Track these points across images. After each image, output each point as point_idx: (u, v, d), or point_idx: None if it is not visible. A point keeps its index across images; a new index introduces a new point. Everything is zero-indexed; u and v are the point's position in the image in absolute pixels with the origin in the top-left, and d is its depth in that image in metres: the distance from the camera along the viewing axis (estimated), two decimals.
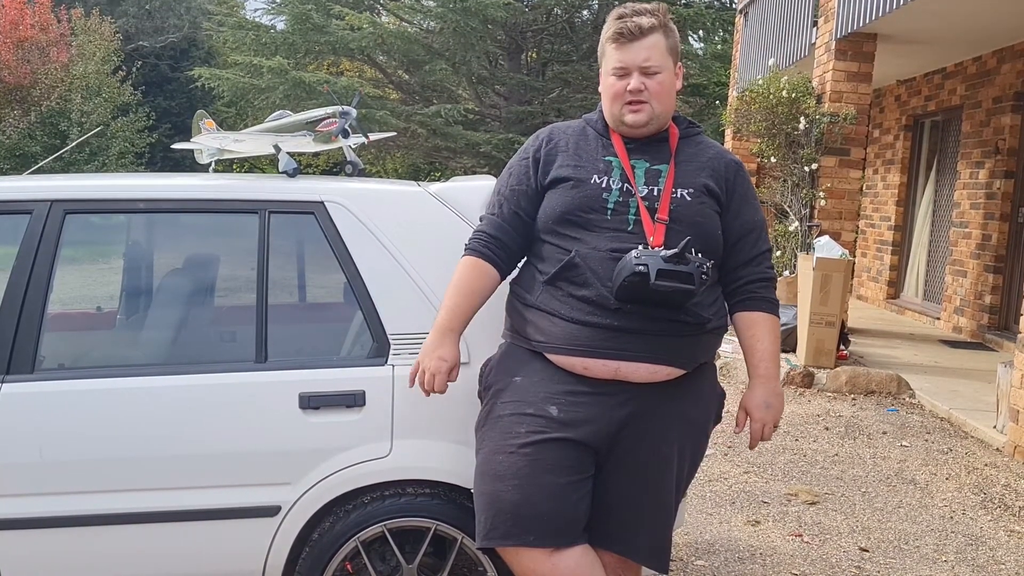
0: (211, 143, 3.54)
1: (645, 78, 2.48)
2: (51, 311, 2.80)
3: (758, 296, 2.58)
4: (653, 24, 2.49)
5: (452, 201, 2.90)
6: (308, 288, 3.32)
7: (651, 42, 2.48)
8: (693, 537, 4.24)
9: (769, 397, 2.58)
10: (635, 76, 2.48)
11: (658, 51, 2.49)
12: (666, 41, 2.51)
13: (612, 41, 2.51)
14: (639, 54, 2.48)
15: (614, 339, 2.39)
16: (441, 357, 2.51)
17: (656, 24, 2.49)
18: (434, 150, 18.99)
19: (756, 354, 2.59)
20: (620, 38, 2.49)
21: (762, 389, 2.59)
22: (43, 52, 19.20)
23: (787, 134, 8.70)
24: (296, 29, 17.98)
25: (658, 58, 2.49)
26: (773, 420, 2.60)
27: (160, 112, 26.25)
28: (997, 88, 9.14)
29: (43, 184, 2.87)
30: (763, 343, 2.58)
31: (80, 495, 2.65)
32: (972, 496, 4.99)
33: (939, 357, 8.38)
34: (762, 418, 2.59)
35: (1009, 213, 9.03)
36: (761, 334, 2.58)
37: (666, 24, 2.52)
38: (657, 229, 2.42)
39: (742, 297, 2.59)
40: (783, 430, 6.11)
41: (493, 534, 2.44)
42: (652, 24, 2.48)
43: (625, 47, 2.49)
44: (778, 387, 2.61)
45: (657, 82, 2.49)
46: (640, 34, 2.47)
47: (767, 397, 2.58)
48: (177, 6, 30.59)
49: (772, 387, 2.59)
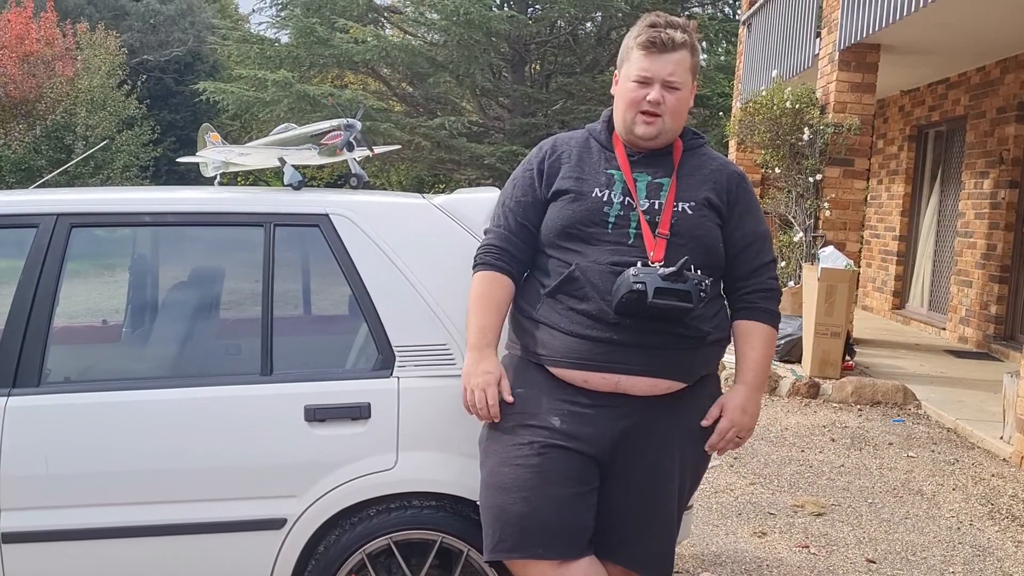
0: (216, 156, 3.54)
1: (666, 92, 2.47)
2: (57, 324, 2.80)
3: (757, 306, 2.57)
4: (684, 40, 2.48)
5: (457, 213, 2.90)
6: (313, 301, 3.33)
7: (679, 57, 2.47)
8: (699, 549, 4.23)
9: (747, 403, 2.56)
10: (657, 88, 2.47)
11: (683, 68, 2.48)
12: (691, 59, 2.51)
13: (642, 48, 2.48)
14: (666, 67, 2.46)
15: (614, 352, 2.39)
16: (486, 371, 2.49)
17: (687, 40, 2.49)
18: (438, 162, 19.02)
19: (746, 361, 2.58)
20: (651, 47, 2.46)
21: (743, 394, 2.57)
22: (48, 66, 19.30)
23: (791, 145, 8.70)
24: (300, 42, 18.05)
25: (682, 75, 2.48)
26: (743, 426, 2.56)
27: (165, 125, 26.34)
28: (1001, 98, 9.14)
29: (49, 198, 2.88)
30: (755, 352, 2.57)
31: (86, 508, 2.65)
32: (979, 507, 4.97)
33: (945, 367, 8.36)
34: (732, 419, 2.55)
35: (1014, 223, 9.03)
36: (755, 343, 2.57)
37: (694, 43, 2.52)
38: (658, 244, 2.42)
39: (741, 306, 2.58)
40: (789, 441, 6.09)
41: (501, 547, 2.43)
42: (684, 40, 2.48)
43: (654, 57, 2.47)
44: (758, 398, 2.59)
45: (676, 98, 2.48)
46: (672, 47, 2.46)
47: (745, 403, 2.56)
48: (182, 20, 30.74)
49: (753, 396, 2.57)
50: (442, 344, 2.78)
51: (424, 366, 2.78)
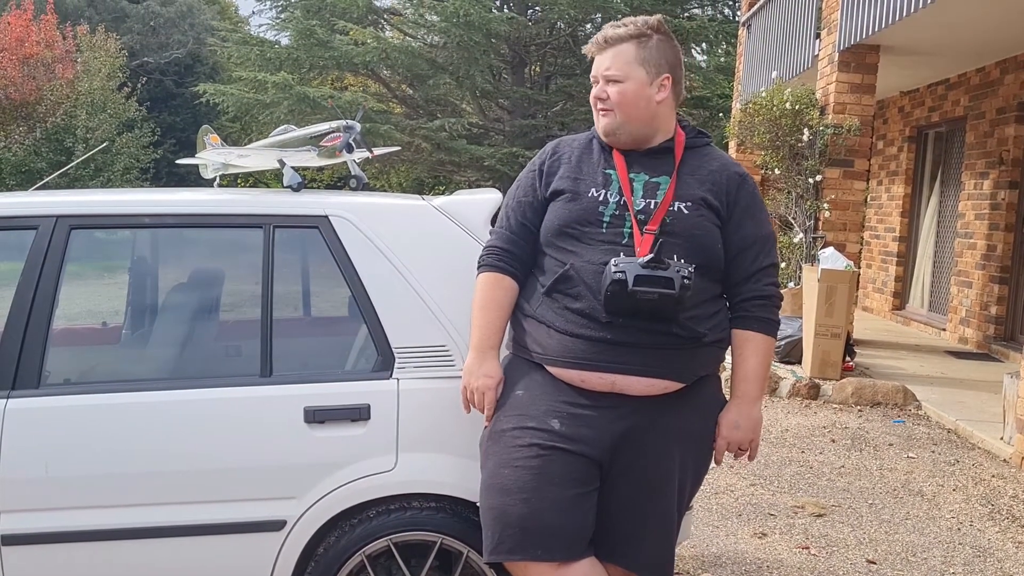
0: (216, 158, 3.54)
1: (607, 86, 2.51)
2: (56, 326, 2.80)
3: (752, 315, 2.55)
4: (622, 34, 2.50)
5: (457, 215, 2.90)
6: (313, 302, 3.33)
7: (615, 51, 2.51)
8: (700, 550, 4.23)
9: (740, 418, 2.56)
10: (600, 84, 2.53)
11: (621, 60, 2.49)
12: (637, 51, 2.49)
13: (591, 52, 2.58)
14: (603, 62, 2.53)
15: (609, 352, 2.38)
16: (487, 375, 2.52)
17: (626, 34, 2.50)
18: (438, 164, 19.03)
19: (739, 373, 2.57)
20: (594, 48, 2.56)
21: (736, 409, 2.57)
22: (48, 68, 19.28)
23: (791, 146, 8.71)
24: (300, 44, 18.07)
25: (620, 66, 2.49)
26: (739, 442, 2.57)
27: (165, 128, 26.34)
28: (1001, 99, 9.14)
29: (48, 200, 2.88)
30: (749, 362, 2.55)
31: (86, 510, 2.65)
32: (980, 507, 4.96)
33: (945, 368, 8.36)
34: (727, 436, 2.56)
35: (1014, 223, 9.03)
36: (748, 354, 2.55)
37: (642, 34, 2.51)
38: (644, 240, 2.41)
39: (738, 314, 2.56)
40: (789, 442, 6.09)
41: (500, 548, 2.43)
42: (621, 34, 2.51)
43: (597, 57, 2.55)
44: (753, 410, 2.57)
45: (617, 90, 2.49)
46: (605, 43, 2.52)
47: (738, 418, 2.56)
48: (181, 22, 30.76)
49: (746, 410, 2.56)
50: (441, 345, 2.78)
51: (424, 367, 2.77)
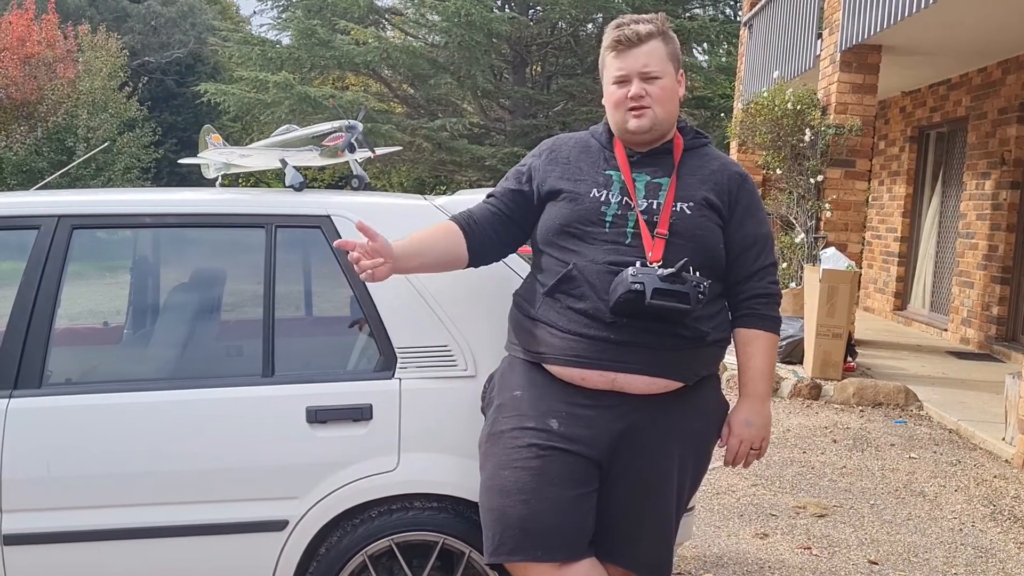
0: (217, 158, 3.54)
1: (646, 84, 2.47)
2: (58, 326, 2.80)
3: (756, 313, 2.55)
4: (651, 31, 2.49)
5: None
6: (315, 302, 3.32)
7: (649, 48, 2.48)
8: (701, 550, 4.22)
9: (751, 416, 2.56)
10: (635, 82, 2.48)
11: (657, 56, 2.49)
12: (665, 47, 2.50)
13: (611, 50, 2.51)
14: (638, 60, 2.48)
15: (611, 351, 2.38)
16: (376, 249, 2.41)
17: (654, 31, 2.49)
18: (439, 164, 19.04)
19: (747, 372, 2.57)
20: (618, 46, 2.49)
21: (746, 407, 2.57)
22: (50, 68, 19.31)
23: (792, 146, 8.71)
24: (301, 44, 18.09)
25: (657, 63, 2.48)
26: (752, 439, 2.57)
27: (166, 127, 26.36)
28: (1002, 99, 9.14)
29: (50, 199, 2.88)
30: (756, 361, 2.56)
31: (87, 510, 2.64)
32: (981, 508, 4.96)
33: (947, 368, 8.36)
34: (740, 434, 2.56)
35: (1015, 224, 9.02)
36: (755, 351, 2.55)
37: (664, 31, 2.52)
38: (656, 244, 2.41)
39: (741, 312, 2.56)
40: (791, 442, 6.09)
41: (501, 550, 2.42)
42: (650, 31, 2.49)
43: (624, 54, 2.49)
44: (763, 408, 2.58)
45: (659, 87, 2.48)
46: (638, 40, 2.48)
47: (750, 416, 2.56)
48: (183, 22, 30.78)
49: (757, 407, 2.57)
50: (443, 345, 2.78)
51: (426, 367, 2.77)
